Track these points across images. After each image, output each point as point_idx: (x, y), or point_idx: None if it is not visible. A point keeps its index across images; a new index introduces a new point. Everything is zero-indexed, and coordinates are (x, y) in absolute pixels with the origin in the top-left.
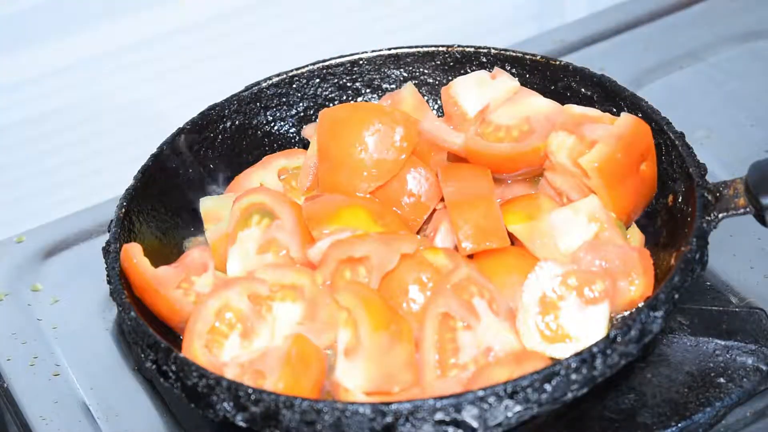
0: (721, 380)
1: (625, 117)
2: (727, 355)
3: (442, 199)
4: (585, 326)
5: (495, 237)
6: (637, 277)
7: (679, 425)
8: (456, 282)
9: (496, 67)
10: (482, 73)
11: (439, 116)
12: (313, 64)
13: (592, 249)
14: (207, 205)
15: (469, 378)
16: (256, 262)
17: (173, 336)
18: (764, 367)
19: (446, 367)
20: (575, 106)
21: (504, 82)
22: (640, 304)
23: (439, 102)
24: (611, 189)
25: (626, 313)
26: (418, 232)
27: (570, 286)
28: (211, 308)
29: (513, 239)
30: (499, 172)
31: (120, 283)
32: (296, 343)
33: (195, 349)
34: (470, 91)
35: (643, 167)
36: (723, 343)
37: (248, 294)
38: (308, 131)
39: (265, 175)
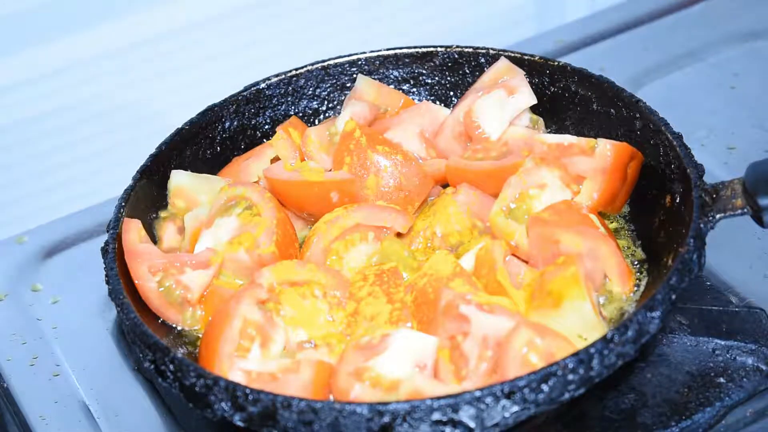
0: (721, 380)
1: (603, 147)
2: (727, 355)
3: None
4: None
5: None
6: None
7: (679, 425)
8: (443, 306)
9: (512, 80)
10: (499, 93)
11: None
12: (313, 64)
13: None
14: (179, 180)
15: (487, 370)
16: (224, 251)
17: (173, 336)
18: (764, 367)
19: (461, 378)
20: (547, 135)
21: (522, 100)
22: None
23: (438, 102)
24: (604, 208)
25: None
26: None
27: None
28: (235, 329)
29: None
30: (483, 189)
31: (118, 283)
32: (318, 371)
33: (225, 370)
34: (491, 112)
35: (629, 170)
36: (723, 343)
37: (258, 301)
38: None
39: (260, 165)
